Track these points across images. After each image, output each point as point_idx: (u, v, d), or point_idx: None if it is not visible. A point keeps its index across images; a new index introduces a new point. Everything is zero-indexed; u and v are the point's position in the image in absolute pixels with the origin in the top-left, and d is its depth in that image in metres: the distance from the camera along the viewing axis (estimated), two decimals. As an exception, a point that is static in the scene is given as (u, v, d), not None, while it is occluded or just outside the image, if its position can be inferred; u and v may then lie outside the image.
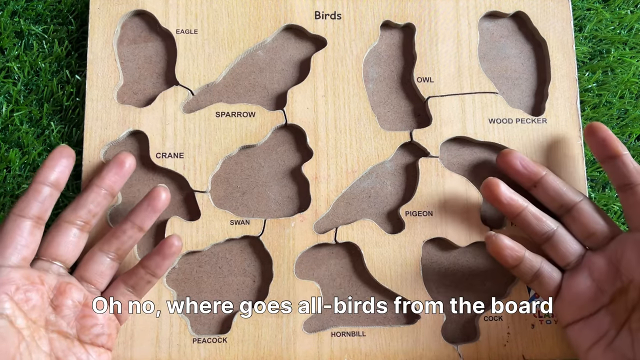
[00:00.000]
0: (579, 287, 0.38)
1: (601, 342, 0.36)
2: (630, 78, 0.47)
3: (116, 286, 0.38)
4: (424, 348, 0.41)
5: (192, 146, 0.42)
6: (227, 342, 0.40)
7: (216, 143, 0.42)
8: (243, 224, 0.42)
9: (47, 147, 0.43)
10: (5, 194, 0.42)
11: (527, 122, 0.44)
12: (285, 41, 0.45)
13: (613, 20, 0.48)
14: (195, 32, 0.44)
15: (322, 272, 0.42)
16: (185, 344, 0.40)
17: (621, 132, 0.46)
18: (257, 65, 0.44)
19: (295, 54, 0.45)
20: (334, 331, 0.41)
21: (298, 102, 0.43)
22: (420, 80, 0.44)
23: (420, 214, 0.42)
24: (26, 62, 0.44)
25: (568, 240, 0.39)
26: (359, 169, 0.43)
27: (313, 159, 0.43)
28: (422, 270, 0.42)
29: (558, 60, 0.45)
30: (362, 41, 0.44)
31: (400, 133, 0.44)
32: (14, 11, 0.45)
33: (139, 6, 0.44)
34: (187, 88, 0.43)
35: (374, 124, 0.43)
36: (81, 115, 0.43)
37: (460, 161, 0.44)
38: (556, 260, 0.40)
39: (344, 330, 0.41)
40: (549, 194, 0.40)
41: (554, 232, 0.39)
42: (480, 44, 0.45)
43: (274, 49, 0.45)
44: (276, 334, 0.41)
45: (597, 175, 0.45)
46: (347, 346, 0.41)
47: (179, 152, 0.42)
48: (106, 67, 0.43)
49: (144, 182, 0.42)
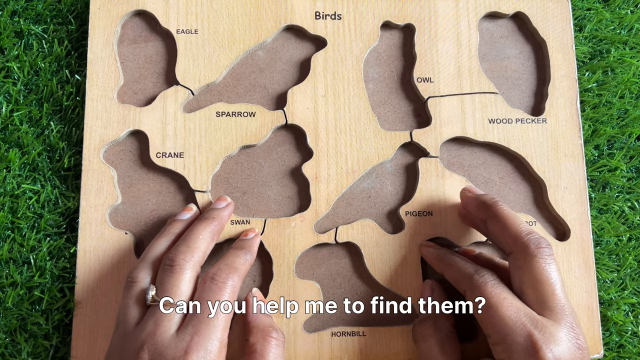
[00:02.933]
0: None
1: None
2: (630, 78, 0.47)
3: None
4: (424, 348, 0.41)
5: (193, 146, 0.42)
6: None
7: (216, 143, 0.42)
8: (243, 223, 0.42)
9: (47, 147, 0.43)
10: (5, 194, 0.42)
11: (527, 122, 0.44)
12: (286, 41, 0.45)
13: (613, 20, 0.48)
14: (195, 32, 0.44)
15: (322, 272, 0.42)
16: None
17: (621, 132, 0.46)
18: (257, 65, 0.44)
19: (295, 54, 0.45)
20: (334, 331, 0.41)
21: (298, 102, 0.43)
22: (420, 80, 0.44)
23: (420, 214, 0.42)
24: (26, 62, 0.44)
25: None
26: (359, 169, 0.43)
27: (313, 159, 0.43)
28: (422, 270, 0.42)
29: (558, 60, 0.45)
30: (362, 41, 0.44)
31: (400, 133, 0.43)
32: (13, 11, 0.44)
33: (140, 6, 0.44)
34: (187, 88, 0.43)
35: (374, 124, 0.43)
36: (81, 115, 0.43)
37: (460, 161, 0.44)
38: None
39: (344, 330, 0.41)
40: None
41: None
42: (480, 45, 0.45)
43: (274, 49, 0.45)
44: (276, 334, 0.41)
45: (597, 175, 0.45)
46: (347, 346, 0.41)
47: (179, 151, 0.42)
48: (106, 67, 0.43)
49: (144, 181, 0.42)
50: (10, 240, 0.42)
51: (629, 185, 0.46)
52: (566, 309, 0.33)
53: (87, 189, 0.41)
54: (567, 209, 0.43)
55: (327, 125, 0.43)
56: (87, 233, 0.41)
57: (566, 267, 0.42)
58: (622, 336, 0.44)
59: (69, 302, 0.41)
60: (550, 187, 0.43)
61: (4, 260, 0.41)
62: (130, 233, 0.41)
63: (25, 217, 0.42)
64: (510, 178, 0.44)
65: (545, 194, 0.43)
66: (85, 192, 0.41)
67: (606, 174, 0.45)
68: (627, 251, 0.45)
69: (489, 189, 0.44)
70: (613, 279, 0.44)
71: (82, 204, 0.41)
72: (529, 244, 0.35)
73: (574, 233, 0.43)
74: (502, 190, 0.44)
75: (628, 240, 0.45)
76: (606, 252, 0.44)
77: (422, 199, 0.43)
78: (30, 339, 0.41)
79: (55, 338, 0.41)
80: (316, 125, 0.43)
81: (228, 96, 0.44)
